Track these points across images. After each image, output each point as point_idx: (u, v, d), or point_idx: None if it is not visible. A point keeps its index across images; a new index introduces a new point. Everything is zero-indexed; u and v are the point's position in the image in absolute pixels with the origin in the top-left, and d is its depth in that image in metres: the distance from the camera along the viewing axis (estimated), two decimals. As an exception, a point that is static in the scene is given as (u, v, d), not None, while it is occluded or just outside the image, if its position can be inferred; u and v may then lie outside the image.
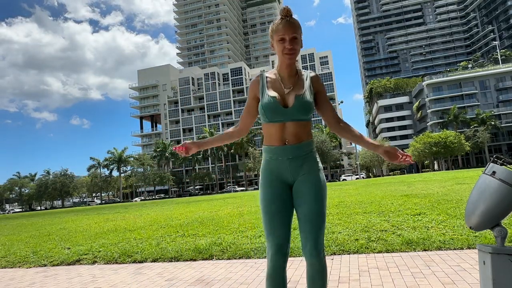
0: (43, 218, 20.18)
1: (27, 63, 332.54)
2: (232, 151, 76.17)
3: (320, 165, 1.87)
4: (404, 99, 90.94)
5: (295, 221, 1.88)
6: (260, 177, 1.90)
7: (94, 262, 4.86)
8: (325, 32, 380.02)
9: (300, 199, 1.78)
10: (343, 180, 55.65)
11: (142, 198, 75.94)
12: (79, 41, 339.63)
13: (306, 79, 1.84)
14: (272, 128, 1.80)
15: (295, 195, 1.81)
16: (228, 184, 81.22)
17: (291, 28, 1.74)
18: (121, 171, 77.09)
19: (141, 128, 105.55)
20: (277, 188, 1.81)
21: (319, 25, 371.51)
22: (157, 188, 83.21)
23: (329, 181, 55.74)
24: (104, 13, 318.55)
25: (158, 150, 79.89)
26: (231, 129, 2.04)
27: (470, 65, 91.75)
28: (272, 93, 1.80)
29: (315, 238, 1.72)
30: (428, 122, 77.50)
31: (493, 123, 66.48)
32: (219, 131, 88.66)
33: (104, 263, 4.75)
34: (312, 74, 1.89)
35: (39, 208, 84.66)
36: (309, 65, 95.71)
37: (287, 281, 1.67)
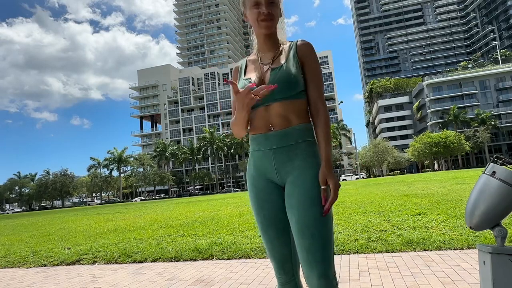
0: (43, 218, 20.17)
1: (28, 63, 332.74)
2: (232, 151, 76.14)
3: (319, 161, 1.41)
4: (404, 99, 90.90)
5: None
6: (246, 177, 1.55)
7: (94, 262, 4.86)
8: (325, 33, 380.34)
9: (290, 209, 1.37)
10: (343, 180, 55.62)
11: (142, 198, 75.92)
12: (79, 41, 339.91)
13: (291, 49, 1.48)
14: (255, 114, 1.46)
15: (286, 202, 1.41)
16: (228, 184, 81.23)
17: None
18: (121, 171, 77.06)
19: (141, 128, 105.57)
20: (264, 190, 1.45)
21: (319, 26, 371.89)
22: (157, 188, 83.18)
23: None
24: (104, 14, 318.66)
25: (158, 150, 79.84)
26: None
27: (470, 65, 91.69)
28: (248, 75, 1.52)
29: (320, 261, 1.29)
30: (428, 122, 77.47)
31: (493, 123, 66.45)
32: (219, 131, 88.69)
33: (104, 263, 4.75)
34: (300, 41, 1.50)
35: (38, 208, 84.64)
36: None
37: None
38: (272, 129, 1.41)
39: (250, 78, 1.48)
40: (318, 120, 1.41)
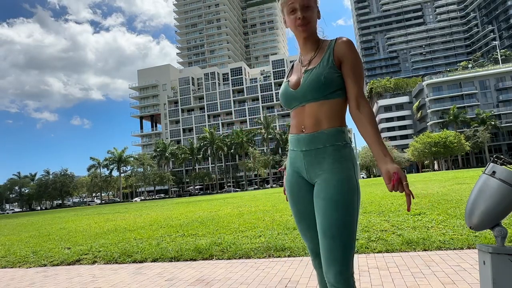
0: (43, 218, 20.17)
1: (28, 63, 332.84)
2: (232, 151, 76.14)
3: (352, 165, 1.43)
4: (404, 99, 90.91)
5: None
6: None
7: (94, 262, 4.86)
8: (326, 33, 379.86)
9: (316, 209, 1.45)
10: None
11: (142, 198, 75.93)
12: (80, 41, 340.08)
13: (328, 48, 1.50)
14: (292, 115, 1.57)
15: (314, 201, 1.48)
16: (228, 184, 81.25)
17: None
18: (121, 171, 77.06)
19: (141, 128, 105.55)
20: (297, 185, 1.55)
21: (320, 26, 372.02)
22: (157, 188, 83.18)
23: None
24: (105, 15, 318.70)
25: (158, 150, 79.84)
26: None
27: (470, 65, 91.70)
28: (290, 77, 1.59)
29: (339, 260, 1.34)
30: (428, 122, 77.48)
31: (493, 123, 66.45)
32: (219, 131, 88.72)
33: (104, 263, 4.75)
34: (338, 39, 1.51)
35: (39, 208, 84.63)
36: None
37: (288, 280, 1.56)
38: (303, 130, 1.48)
39: (289, 80, 1.57)
40: (363, 115, 1.42)
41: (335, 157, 1.42)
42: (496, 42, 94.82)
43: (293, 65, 1.66)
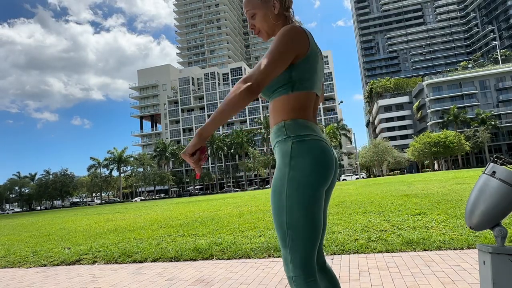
0: (43, 217, 20.18)
1: (29, 63, 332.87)
2: (232, 151, 76.14)
3: (289, 158, 1.31)
4: (404, 99, 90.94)
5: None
6: None
7: (94, 262, 4.86)
8: (326, 33, 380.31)
9: None
10: (343, 180, 55.66)
11: (142, 198, 75.94)
12: (81, 42, 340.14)
13: None
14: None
15: None
16: (228, 184, 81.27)
17: (245, 5, 1.50)
18: (121, 171, 77.07)
19: (141, 128, 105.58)
20: None
21: (320, 27, 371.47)
22: (157, 188, 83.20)
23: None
24: (105, 16, 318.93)
25: (158, 150, 79.88)
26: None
27: (470, 65, 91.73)
28: None
29: (283, 261, 1.32)
30: (428, 122, 77.49)
31: (493, 123, 66.47)
32: (219, 131, 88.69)
33: (104, 263, 4.75)
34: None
35: (39, 208, 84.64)
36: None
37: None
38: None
39: None
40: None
41: (279, 153, 1.37)
42: (496, 42, 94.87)
43: None
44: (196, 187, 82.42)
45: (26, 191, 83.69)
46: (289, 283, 1.30)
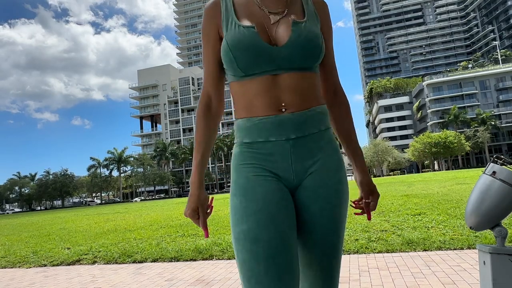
0: (43, 218, 20.18)
1: (30, 64, 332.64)
2: (232, 151, 76.21)
3: (342, 161, 1.06)
4: (404, 99, 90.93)
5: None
6: (231, 182, 1.05)
7: (94, 262, 4.86)
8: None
9: (311, 220, 0.99)
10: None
11: (142, 198, 75.93)
12: (81, 42, 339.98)
13: (307, 1, 1.07)
14: (252, 86, 0.97)
15: (301, 210, 1.00)
16: (228, 184, 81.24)
17: None
18: (121, 171, 77.07)
19: (141, 128, 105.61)
20: (272, 199, 0.95)
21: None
22: (157, 188, 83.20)
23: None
24: (106, 16, 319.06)
25: (158, 150, 79.88)
26: (201, 121, 1.10)
27: (470, 65, 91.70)
28: (245, 21, 0.98)
29: (336, 271, 1.02)
30: (428, 122, 77.49)
31: (493, 123, 66.48)
32: (219, 131, 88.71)
33: (104, 263, 4.75)
34: None
35: (39, 208, 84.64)
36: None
37: None
38: (284, 110, 0.96)
39: (253, 27, 0.96)
40: (343, 104, 1.11)
41: (331, 146, 1.02)
42: (496, 42, 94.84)
43: (232, 1, 1.04)
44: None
45: (26, 191, 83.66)
46: None
